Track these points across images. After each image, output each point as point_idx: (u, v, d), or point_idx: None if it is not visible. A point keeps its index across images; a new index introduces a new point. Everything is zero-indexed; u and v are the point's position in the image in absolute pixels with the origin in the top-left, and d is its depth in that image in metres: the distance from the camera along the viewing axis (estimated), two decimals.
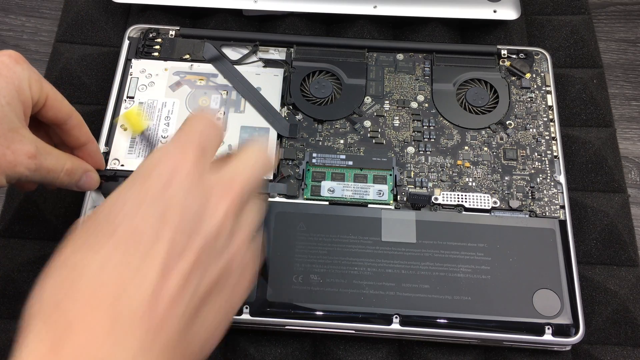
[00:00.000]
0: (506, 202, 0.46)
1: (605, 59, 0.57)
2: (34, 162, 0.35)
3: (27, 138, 0.35)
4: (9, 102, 0.34)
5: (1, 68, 0.34)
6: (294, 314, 0.42)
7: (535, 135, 0.49)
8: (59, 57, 0.54)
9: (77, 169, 0.39)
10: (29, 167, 0.35)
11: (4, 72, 0.34)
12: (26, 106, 0.35)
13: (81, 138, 0.40)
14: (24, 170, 0.34)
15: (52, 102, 0.37)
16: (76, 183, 0.39)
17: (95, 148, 0.42)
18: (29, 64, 0.36)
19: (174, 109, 0.49)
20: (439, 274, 0.43)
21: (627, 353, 0.44)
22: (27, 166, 0.34)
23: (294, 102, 0.50)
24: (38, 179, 0.36)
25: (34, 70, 0.36)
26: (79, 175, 0.39)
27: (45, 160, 0.36)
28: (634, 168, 0.53)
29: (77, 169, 0.39)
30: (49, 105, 0.37)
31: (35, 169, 0.35)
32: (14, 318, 0.45)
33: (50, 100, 0.37)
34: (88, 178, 0.40)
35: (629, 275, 0.47)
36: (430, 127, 0.50)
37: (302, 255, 0.44)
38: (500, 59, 0.53)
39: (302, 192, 0.47)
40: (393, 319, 0.42)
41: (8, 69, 0.34)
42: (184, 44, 0.53)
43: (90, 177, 0.40)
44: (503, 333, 0.42)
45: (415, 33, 0.56)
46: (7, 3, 0.60)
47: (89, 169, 0.40)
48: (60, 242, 0.48)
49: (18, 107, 0.34)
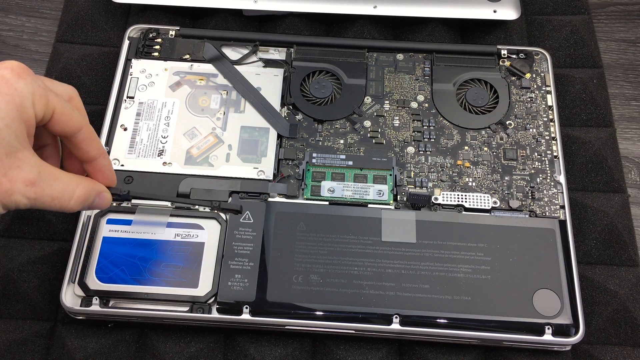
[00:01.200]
0: (506, 202, 0.46)
1: (605, 59, 0.57)
2: (32, 190, 0.31)
3: (26, 163, 0.31)
4: (7, 125, 0.30)
5: (1, 84, 0.31)
6: (294, 314, 0.42)
7: (535, 135, 0.49)
8: (59, 57, 0.54)
9: (90, 194, 0.35)
10: (27, 196, 0.31)
11: (4, 90, 0.31)
12: (29, 125, 0.32)
13: (91, 152, 0.36)
14: (21, 198, 0.31)
15: (60, 116, 0.33)
16: (87, 207, 0.36)
17: (106, 163, 0.37)
18: (33, 77, 0.32)
19: (174, 109, 0.49)
20: (439, 274, 0.43)
21: (627, 353, 0.44)
22: (25, 194, 0.31)
23: (294, 102, 0.50)
24: (41, 207, 0.33)
25: (39, 84, 0.32)
26: (92, 200, 0.35)
27: (49, 186, 0.32)
28: (634, 168, 0.53)
29: (89, 194, 0.35)
30: (55, 119, 0.33)
31: (35, 197, 0.32)
32: (14, 318, 0.45)
33: (57, 114, 0.33)
34: (100, 199, 0.36)
35: (629, 275, 0.47)
36: (430, 127, 0.50)
37: (302, 255, 0.44)
38: (500, 59, 0.53)
39: (302, 192, 0.47)
40: (393, 319, 0.42)
41: (9, 85, 0.31)
42: (184, 44, 0.53)
43: (103, 197, 0.36)
44: (503, 333, 0.42)
45: (415, 33, 0.56)
46: (7, 3, 0.60)
47: (102, 189, 0.36)
48: (60, 242, 0.48)
49: (19, 128, 0.31)
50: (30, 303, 0.45)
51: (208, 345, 0.44)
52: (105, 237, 0.44)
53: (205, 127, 0.49)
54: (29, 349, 0.44)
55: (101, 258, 0.43)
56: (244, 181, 0.47)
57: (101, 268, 0.43)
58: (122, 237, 0.44)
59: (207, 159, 0.48)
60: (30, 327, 0.44)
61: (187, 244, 0.44)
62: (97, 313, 0.42)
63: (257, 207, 0.45)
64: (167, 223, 0.45)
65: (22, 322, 0.45)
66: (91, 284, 0.43)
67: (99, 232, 0.44)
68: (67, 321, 0.44)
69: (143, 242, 0.44)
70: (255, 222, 0.45)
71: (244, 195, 0.46)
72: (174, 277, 0.43)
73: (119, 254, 0.43)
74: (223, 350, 0.44)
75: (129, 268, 0.43)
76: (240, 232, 0.44)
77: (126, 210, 0.45)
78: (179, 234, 0.44)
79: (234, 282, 0.43)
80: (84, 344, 0.43)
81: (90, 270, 0.43)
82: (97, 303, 0.42)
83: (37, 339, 0.44)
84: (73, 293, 0.43)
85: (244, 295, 0.43)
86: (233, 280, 0.43)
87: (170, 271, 0.43)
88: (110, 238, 0.44)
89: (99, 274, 0.43)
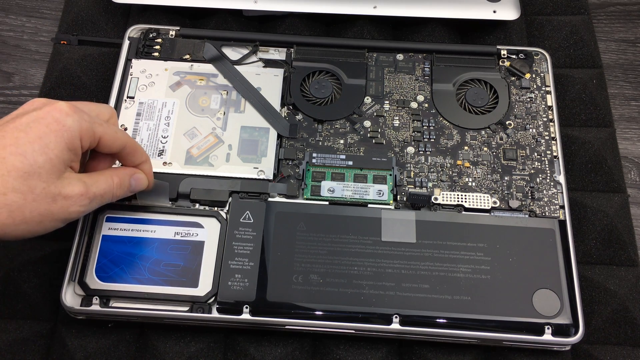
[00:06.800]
0: (506, 202, 0.46)
1: (604, 59, 0.57)
2: (85, 197, 0.37)
3: (72, 179, 0.37)
4: (57, 155, 0.35)
5: (51, 123, 0.36)
6: (294, 314, 0.42)
7: (535, 135, 0.49)
8: (59, 57, 0.54)
9: (125, 178, 0.41)
10: (82, 204, 0.37)
11: (54, 127, 0.36)
12: (76, 154, 0.37)
13: (136, 161, 0.42)
14: (78, 208, 0.37)
15: (105, 141, 0.39)
16: (128, 189, 0.41)
17: (148, 168, 0.43)
18: (80, 114, 0.37)
19: (174, 109, 0.49)
20: (438, 274, 0.43)
21: (627, 353, 0.44)
22: (80, 203, 0.37)
23: (294, 102, 0.50)
24: (95, 206, 0.39)
25: (85, 118, 0.37)
26: (129, 182, 0.41)
27: (96, 189, 0.38)
28: (634, 168, 0.53)
29: (124, 178, 0.41)
30: (102, 144, 0.39)
31: (88, 203, 0.37)
32: (14, 318, 0.45)
33: (103, 140, 0.38)
34: (136, 180, 0.42)
35: (629, 275, 0.47)
36: (430, 127, 0.50)
37: (302, 255, 0.44)
38: (500, 59, 0.53)
39: (302, 192, 0.47)
40: (393, 319, 0.42)
41: (58, 123, 0.36)
42: (184, 44, 0.53)
43: (137, 178, 0.42)
44: (503, 333, 0.42)
45: (415, 33, 0.56)
46: (7, 3, 0.60)
47: (134, 171, 0.42)
48: (60, 242, 0.48)
49: (67, 157, 0.36)
50: (30, 303, 0.45)
51: (208, 345, 0.44)
52: (105, 236, 0.44)
53: (205, 127, 0.49)
54: (29, 349, 0.44)
55: (101, 257, 0.43)
56: (244, 181, 0.47)
57: (101, 267, 0.43)
58: (122, 236, 0.44)
59: (207, 159, 0.48)
60: (31, 327, 0.44)
61: (186, 243, 0.44)
62: (97, 313, 0.42)
63: (257, 207, 0.45)
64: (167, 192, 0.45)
65: (22, 322, 0.45)
66: (91, 283, 0.43)
67: (99, 231, 0.44)
68: (68, 321, 0.44)
69: (142, 240, 0.44)
70: (255, 222, 0.45)
71: (244, 195, 0.46)
72: (173, 277, 0.43)
73: (119, 253, 0.43)
74: (223, 350, 0.44)
75: (129, 267, 0.43)
76: (240, 232, 0.44)
77: (125, 208, 0.45)
78: (179, 232, 0.44)
79: (234, 282, 0.43)
80: (84, 344, 0.43)
81: (90, 269, 0.43)
82: (97, 303, 0.42)
83: (38, 339, 0.44)
84: (73, 293, 0.43)
85: (244, 295, 0.43)
86: (233, 280, 0.43)
87: (170, 270, 0.43)
88: (110, 236, 0.44)
89: (98, 273, 0.43)
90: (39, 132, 0.35)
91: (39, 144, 0.35)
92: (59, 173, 0.36)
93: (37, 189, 0.35)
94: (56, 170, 0.36)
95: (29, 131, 0.35)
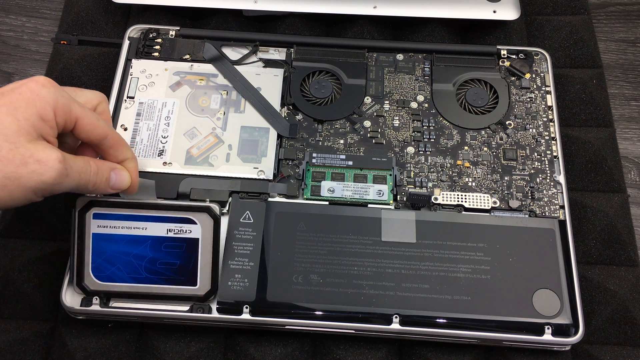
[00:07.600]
0: (506, 202, 0.46)
1: (604, 59, 0.57)
2: (63, 166, 0.35)
3: (50, 148, 0.35)
4: (26, 118, 0.35)
5: (25, 91, 0.35)
6: (294, 314, 0.42)
7: (535, 135, 0.49)
8: (59, 57, 0.54)
9: (103, 168, 0.39)
10: (59, 170, 0.35)
11: (27, 95, 0.35)
12: (50, 126, 0.36)
13: (119, 156, 0.41)
14: (53, 174, 0.35)
15: (83, 125, 0.38)
16: (108, 183, 0.40)
17: (133, 166, 0.42)
18: (57, 87, 0.36)
19: (174, 109, 0.49)
20: (438, 274, 0.43)
21: (627, 353, 0.44)
22: (57, 169, 0.35)
23: (294, 102, 0.50)
24: (71, 183, 0.37)
25: (62, 94, 0.36)
26: (107, 173, 0.39)
27: (74, 163, 0.36)
28: (634, 168, 0.53)
29: (103, 167, 0.39)
30: (79, 128, 0.38)
31: (66, 173, 0.36)
32: (14, 318, 0.45)
33: (81, 123, 0.37)
34: (117, 175, 0.40)
35: (629, 275, 0.47)
36: (430, 127, 0.50)
37: (302, 255, 0.44)
38: (500, 59, 0.53)
39: (302, 192, 0.47)
40: (393, 319, 0.42)
41: (32, 92, 0.35)
42: (184, 44, 0.53)
43: (118, 174, 0.40)
44: (503, 333, 0.42)
45: (415, 33, 0.56)
46: (7, 3, 0.60)
47: (115, 166, 0.40)
48: (60, 242, 0.48)
49: (38, 124, 0.35)
50: (30, 303, 0.45)
51: (208, 345, 0.44)
52: (95, 234, 0.43)
53: (205, 127, 0.49)
54: (29, 349, 0.44)
55: (95, 256, 0.42)
56: (244, 181, 0.47)
57: (97, 267, 0.42)
58: (112, 234, 0.43)
59: (207, 159, 0.48)
60: (31, 327, 0.44)
61: (181, 240, 0.43)
62: (97, 313, 0.42)
63: (257, 207, 0.45)
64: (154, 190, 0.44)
65: (22, 322, 0.45)
66: (90, 283, 0.42)
67: (87, 229, 0.43)
68: (68, 321, 0.44)
69: (134, 238, 0.43)
70: (255, 222, 0.45)
71: (244, 195, 0.46)
72: (171, 275, 0.43)
73: (112, 252, 0.43)
74: (223, 350, 0.44)
75: (125, 266, 0.43)
76: (240, 232, 0.44)
77: (111, 204, 0.43)
78: (171, 229, 0.43)
79: (234, 282, 0.43)
80: (84, 344, 0.43)
81: (87, 269, 0.42)
82: (97, 303, 0.42)
83: (38, 339, 0.44)
84: (73, 293, 0.43)
85: (244, 295, 0.43)
86: (233, 280, 0.43)
87: (167, 269, 0.43)
88: (100, 234, 0.43)
89: (95, 273, 0.42)
90: (10, 99, 0.35)
91: (7, 107, 0.35)
92: (29, 137, 0.35)
93: (2, 149, 0.34)
94: (25, 133, 0.34)
95: (1, 98, 0.35)
